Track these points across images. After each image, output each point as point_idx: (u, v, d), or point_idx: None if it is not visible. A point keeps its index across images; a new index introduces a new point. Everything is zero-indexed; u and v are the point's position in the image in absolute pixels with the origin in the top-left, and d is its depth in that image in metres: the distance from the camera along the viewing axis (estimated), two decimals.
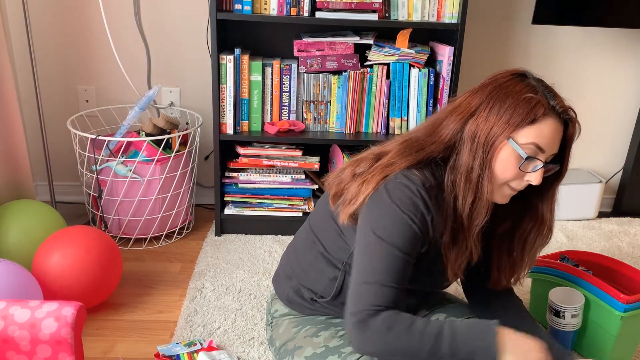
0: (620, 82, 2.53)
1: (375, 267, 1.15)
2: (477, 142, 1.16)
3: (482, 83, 1.23)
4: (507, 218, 1.32)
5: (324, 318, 1.40)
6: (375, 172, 1.20)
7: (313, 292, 1.38)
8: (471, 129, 1.17)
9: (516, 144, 1.14)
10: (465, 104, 1.20)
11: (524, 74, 1.22)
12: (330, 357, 1.29)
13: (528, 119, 1.14)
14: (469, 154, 1.17)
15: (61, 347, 1.07)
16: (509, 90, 1.17)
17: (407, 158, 1.19)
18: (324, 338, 1.34)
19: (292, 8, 2.03)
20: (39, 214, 1.87)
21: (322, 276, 1.36)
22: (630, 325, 1.54)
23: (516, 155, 1.15)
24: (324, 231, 1.36)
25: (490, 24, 2.40)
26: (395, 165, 1.19)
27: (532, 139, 1.14)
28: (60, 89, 2.39)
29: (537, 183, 1.18)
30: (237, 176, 2.20)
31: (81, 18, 2.29)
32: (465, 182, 1.17)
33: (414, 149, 1.21)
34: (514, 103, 1.15)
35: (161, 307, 1.81)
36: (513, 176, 1.17)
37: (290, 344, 1.37)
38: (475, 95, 1.20)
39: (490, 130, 1.15)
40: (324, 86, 2.16)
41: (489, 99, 1.17)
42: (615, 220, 2.56)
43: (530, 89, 1.16)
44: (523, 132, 1.14)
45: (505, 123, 1.14)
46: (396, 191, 1.16)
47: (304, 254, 1.41)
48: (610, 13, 2.24)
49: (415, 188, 1.16)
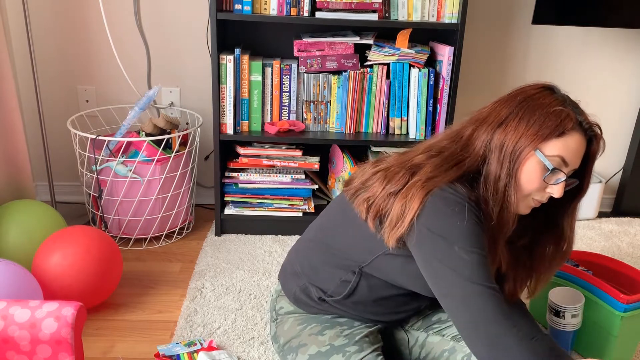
0: (620, 82, 2.53)
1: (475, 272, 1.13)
2: (505, 152, 1.17)
3: (510, 94, 1.23)
4: (526, 232, 1.32)
5: (330, 317, 1.40)
6: (416, 189, 1.17)
7: (322, 291, 1.38)
8: (500, 139, 1.18)
9: (543, 155, 1.15)
10: (494, 114, 1.21)
11: (553, 88, 1.22)
12: (335, 355, 1.29)
13: (557, 131, 1.15)
14: (497, 163, 1.17)
15: (61, 347, 1.07)
16: (538, 102, 1.18)
17: (448, 172, 1.19)
18: (328, 337, 1.34)
19: (292, 8, 2.03)
20: (39, 214, 1.87)
21: (334, 277, 1.36)
22: (630, 325, 1.54)
23: (542, 166, 1.16)
24: (338, 234, 1.35)
25: (490, 24, 2.40)
26: (436, 179, 1.18)
27: (558, 152, 1.15)
28: (60, 89, 2.39)
29: (558, 196, 1.18)
30: (237, 176, 2.20)
31: (81, 18, 2.29)
32: (493, 191, 1.18)
33: (452, 163, 1.20)
34: (543, 115, 1.16)
35: (161, 307, 1.81)
36: (537, 187, 1.18)
37: (294, 341, 1.37)
38: (504, 106, 1.21)
39: (519, 141, 1.16)
40: (324, 86, 2.16)
41: (518, 109, 1.18)
42: (615, 220, 2.56)
43: (559, 102, 1.17)
44: (550, 144, 1.15)
45: (533, 134, 1.15)
46: (449, 202, 1.15)
47: (314, 253, 1.41)
48: (610, 13, 2.24)
49: (464, 200, 1.15)
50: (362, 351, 1.30)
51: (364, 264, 1.30)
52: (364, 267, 1.31)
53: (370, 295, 1.35)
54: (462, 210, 1.14)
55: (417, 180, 1.19)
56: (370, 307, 1.37)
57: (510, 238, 1.29)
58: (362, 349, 1.30)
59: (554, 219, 1.30)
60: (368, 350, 1.31)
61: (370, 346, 1.32)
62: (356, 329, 1.37)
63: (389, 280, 1.32)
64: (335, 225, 1.37)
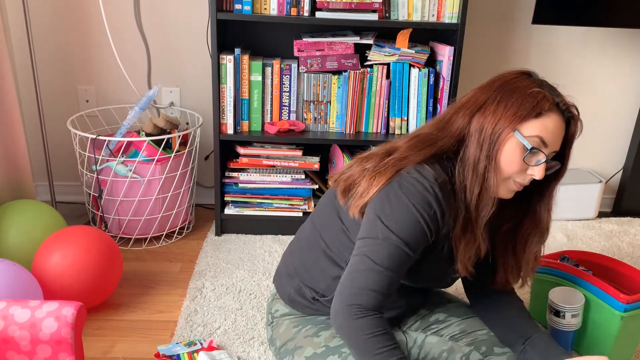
0: (620, 82, 2.53)
1: (377, 252, 1.17)
2: (484, 135, 1.18)
3: (489, 80, 1.25)
4: (510, 218, 1.33)
5: (325, 318, 1.40)
6: (387, 166, 1.21)
7: (315, 291, 1.38)
8: (479, 122, 1.19)
9: (521, 136, 1.16)
10: (473, 100, 1.23)
11: (530, 73, 1.24)
12: (331, 357, 1.29)
13: (534, 112, 1.16)
14: (477, 146, 1.19)
15: (61, 347, 1.07)
16: (515, 86, 1.20)
17: (420, 152, 1.21)
18: (324, 338, 1.34)
19: (292, 8, 2.03)
20: (39, 214, 1.87)
21: (325, 275, 1.36)
22: (630, 325, 1.54)
23: (521, 147, 1.17)
24: (328, 229, 1.36)
25: (490, 24, 2.40)
26: (408, 159, 1.20)
27: (536, 132, 1.16)
28: (61, 89, 2.39)
29: (539, 177, 1.19)
30: (237, 176, 2.20)
31: (81, 18, 2.29)
32: (472, 173, 1.19)
33: (426, 144, 1.22)
34: (520, 97, 1.17)
35: (161, 307, 1.81)
36: (517, 169, 1.19)
37: (290, 343, 1.37)
38: (482, 91, 1.23)
39: (497, 123, 1.17)
40: (324, 86, 2.16)
41: (496, 93, 1.20)
42: (615, 220, 2.56)
43: (536, 85, 1.19)
44: (528, 124, 1.16)
45: (512, 115, 1.17)
46: (409, 186, 1.17)
47: (306, 252, 1.41)
48: (610, 13, 2.24)
49: (429, 184, 1.17)
50: None
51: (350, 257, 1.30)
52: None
53: None
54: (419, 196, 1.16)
55: (391, 159, 1.22)
56: None
57: (496, 224, 1.31)
58: None
59: (533, 203, 1.31)
60: None
61: None
62: None
63: None
64: (324, 221, 1.38)
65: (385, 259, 1.16)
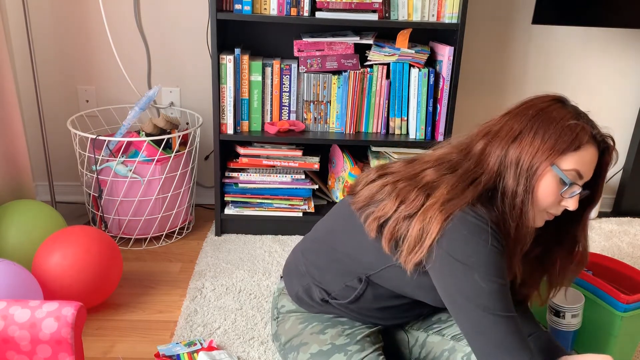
0: (620, 82, 2.53)
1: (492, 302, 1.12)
2: (521, 168, 1.16)
3: (520, 106, 1.22)
4: (538, 244, 1.31)
5: (331, 316, 1.40)
6: (433, 212, 1.15)
7: (327, 293, 1.38)
8: (515, 154, 1.16)
9: (560, 170, 1.15)
10: (506, 129, 1.19)
11: (564, 100, 1.22)
12: (337, 354, 1.29)
13: (573, 146, 1.14)
14: (513, 179, 1.16)
15: (61, 347, 1.07)
16: (552, 116, 1.17)
17: (466, 193, 1.16)
18: (330, 335, 1.34)
19: (292, 8, 2.03)
20: (39, 214, 1.87)
21: (339, 280, 1.35)
22: (630, 325, 1.54)
23: (558, 181, 1.16)
24: (347, 240, 1.33)
25: (490, 24, 2.40)
26: (455, 201, 1.15)
27: (574, 166, 1.15)
28: (60, 89, 2.39)
29: (573, 208, 1.19)
30: (237, 176, 2.20)
31: (81, 18, 2.29)
32: (510, 207, 1.17)
33: (468, 181, 1.18)
34: (558, 129, 1.15)
35: (161, 307, 1.81)
36: (553, 202, 1.18)
37: (295, 340, 1.38)
38: (515, 120, 1.19)
39: (535, 156, 1.15)
40: (324, 86, 2.16)
41: (532, 123, 1.17)
42: (615, 220, 2.56)
43: (573, 116, 1.17)
44: (566, 158, 1.15)
45: (549, 149, 1.15)
46: (471, 226, 1.14)
47: (321, 254, 1.40)
48: (610, 13, 2.24)
49: (485, 222, 1.14)
50: (364, 350, 1.30)
51: (372, 272, 1.30)
52: (371, 276, 1.30)
53: (374, 303, 1.35)
54: (484, 236, 1.13)
55: (435, 202, 1.16)
56: (374, 312, 1.37)
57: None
58: (363, 349, 1.30)
59: (566, 230, 1.30)
60: (369, 349, 1.31)
61: (371, 346, 1.32)
62: (357, 328, 1.37)
63: (396, 290, 1.31)
64: (343, 230, 1.36)
65: (498, 305, 1.12)
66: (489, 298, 1.12)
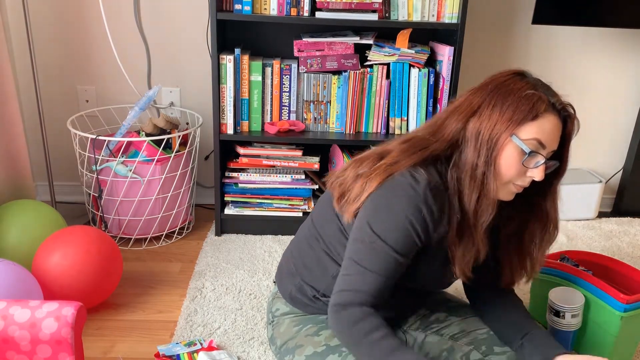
0: (620, 82, 2.53)
1: (367, 258, 1.18)
2: (481, 140, 1.17)
3: (482, 82, 1.24)
4: (513, 219, 1.33)
5: (325, 317, 1.40)
6: (378, 171, 1.21)
7: (315, 290, 1.39)
8: (475, 127, 1.18)
9: (519, 140, 1.16)
10: (466, 103, 1.22)
11: (523, 73, 1.24)
12: (331, 356, 1.29)
13: (530, 115, 1.15)
14: (474, 151, 1.18)
15: (61, 347, 1.07)
16: (510, 88, 1.19)
17: (412, 156, 1.20)
18: (324, 337, 1.34)
19: (292, 8, 2.03)
20: (39, 214, 1.87)
21: (326, 273, 1.36)
22: (630, 325, 1.54)
23: (519, 151, 1.16)
24: (327, 229, 1.36)
25: (490, 24, 2.40)
26: (400, 163, 1.20)
27: (534, 135, 1.16)
28: (60, 89, 2.39)
29: (539, 178, 1.19)
30: (237, 176, 2.20)
31: (81, 18, 2.29)
32: (470, 179, 1.19)
33: (418, 147, 1.22)
34: (515, 100, 1.17)
35: (161, 307, 1.81)
36: (516, 173, 1.18)
37: (291, 342, 1.38)
38: (476, 94, 1.22)
39: (494, 128, 1.17)
40: (324, 86, 2.16)
41: (490, 97, 1.19)
42: (615, 220, 2.56)
43: (530, 86, 1.18)
44: (525, 128, 1.16)
45: (508, 120, 1.16)
46: (400, 190, 1.17)
47: (307, 250, 1.41)
48: (610, 13, 2.24)
49: (420, 188, 1.16)
50: None
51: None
52: None
53: None
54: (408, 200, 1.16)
55: (382, 164, 1.22)
56: None
57: (497, 226, 1.31)
58: None
59: (536, 203, 1.31)
60: None
61: None
62: None
63: None
64: (323, 220, 1.38)
65: (374, 263, 1.18)
66: (367, 255, 1.18)
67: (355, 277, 1.19)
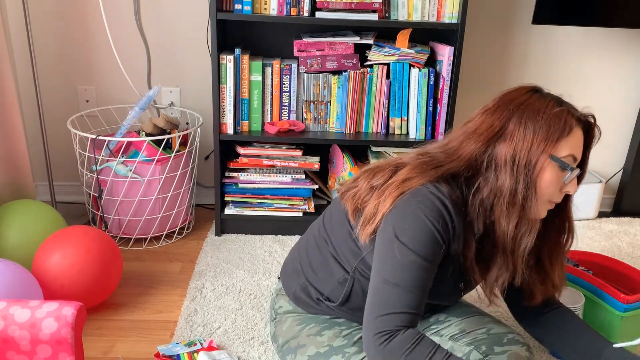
0: (621, 82, 2.53)
1: (398, 273, 1.13)
2: (518, 165, 1.14)
3: (496, 102, 1.21)
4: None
5: (328, 317, 1.40)
6: (391, 188, 1.18)
7: (320, 293, 1.38)
8: (507, 152, 1.15)
9: (558, 159, 1.15)
10: (485, 125, 1.18)
11: (539, 89, 1.22)
12: (334, 356, 1.29)
13: (565, 132, 1.15)
14: (511, 177, 1.15)
15: (61, 347, 1.07)
16: (535, 107, 1.16)
17: (425, 174, 1.18)
18: (327, 337, 1.34)
19: (292, 8, 2.03)
20: (39, 214, 1.87)
21: (331, 277, 1.35)
22: (630, 325, 1.54)
23: (558, 169, 1.16)
24: (336, 233, 1.35)
25: (490, 24, 2.40)
26: (413, 180, 1.18)
27: (569, 151, 1.16)
28: (60, 89, 2.39)
29: (574, 191, 1.20)
30: (237, 176, 2.20)
31: (81, 18, 2.29)
32: (508, 205, 1.16)
33: (431, 166, 1.19)
34: (547, 119, 1.14)
35: (161, 307, 1.81)
36: (555, 190, 1.18)
37: (293, 342, 1.37)
38: (494, 115, 1.18)
39: (530, 150, 1.14)
40: (324, 86, 2.16)
41: (517, 117, 1.16)
42: (615, 220, 2.56)
43: (555, 103, 1.17)
44: (561, 146, 1.15)
45: (544, 140, 1.14)
46: (421, 197, 1.15)
47: (315, 252, 1.41)
48: (610, 13, 2.24)
49: (442, 196, 1.15)
50: (361, 352, 1.29)
51: (355, 262, 1.30)
52: (356, 267, 1.31)
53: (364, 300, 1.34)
54: (432, 208, 1.14)
55: (395, 180, 1.19)
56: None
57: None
58: (361, 350, 1.30)
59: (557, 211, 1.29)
60: None
61: None
62: (355, 329, 1.37)
63: None
64: (333, 225, 1.38)
65: (409, 279, 1.12)
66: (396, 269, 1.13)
67: (392, 298, 1.12)
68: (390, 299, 1.12)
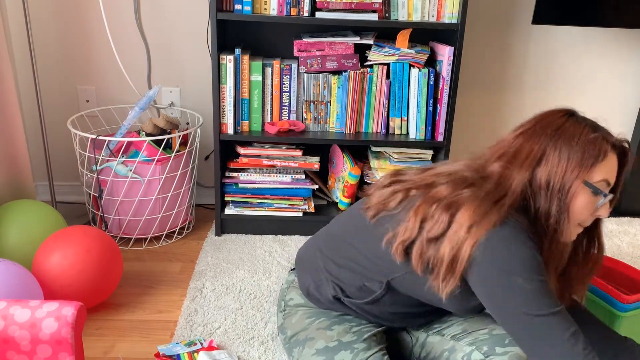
0: (620, 82, 2.53)
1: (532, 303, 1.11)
2: (552, 189, 1.16)
3: (533, 125, 1.22)
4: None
5: (339, 314, 1.41)
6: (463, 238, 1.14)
7: (341, 290, 1.37)
8: (543, 177, 1.17)
9: (591, 184, 1.16)
10: (525, 151, 1.19)
11: (574, 113, 1.23)
12: (343, 351, 1.29)
13: (599, 158, 1.16)
14: (545, 201, 1.17)
15: (61, 347, 1.07)
16: (571, 132, 1.18)
17: (491, 217, 1.14)
18: (337, 332, 1.34)
19: (292, 8, 2.03)
20: (39, 214, 1.87)
21: (357, 279, 1.34)
22: (630, 325, 1.54)
23: (591, 194, 1.17)
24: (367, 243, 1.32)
25: (490, 24, 2.40)
26: (481, 226, 1.14)
27: (603, 176, 1.17)
28: (61, 89, 2.39)
29: (606, 215, 1.20)
30: (238, 176, 2.20)
31: (81, 18, 2.29)
32: (541, 228, 1.18)
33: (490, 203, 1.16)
34: (582, 144, 1.16)
35: (161, 307, 1.81)
36: (588, 215, 1.19)
37: (302, 334, 1.38)
38: (533, 140, 1.19)
39: (564, 175, 1.15)
40: (324, 86, 2.16)
41: (553, 143, 1.17)
42: (615, 220, 2.56)
43: (591, 129, 1.18)
44: (595, 171, 1.16)
45: (578, 166, 1.15)
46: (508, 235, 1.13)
47: (339, 252, 1.39)
48: (610, 13, 2.24)
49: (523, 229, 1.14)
50: (370, 349, 1.30)
51: (392, 277, 1.29)
52: (391, 281, 1.29)
53: (391, 307, 1.35)
54: (521, 238, 1.13)
55: (461, 226, 1.15)
56: (387, 315, 1.37)
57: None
58: (369, 347, 1.30)
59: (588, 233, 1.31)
60: (375, 348, 1.31)
61: (377, 345, 1.33)
62: (364, 326, 1.37)
63: (419, 298, 1.30)
64: (362, 233, 1.35)
65: (544, 304, 1.11)
66: (534, 298, 1.10)
67: (547, 332, 1.10)
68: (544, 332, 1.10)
